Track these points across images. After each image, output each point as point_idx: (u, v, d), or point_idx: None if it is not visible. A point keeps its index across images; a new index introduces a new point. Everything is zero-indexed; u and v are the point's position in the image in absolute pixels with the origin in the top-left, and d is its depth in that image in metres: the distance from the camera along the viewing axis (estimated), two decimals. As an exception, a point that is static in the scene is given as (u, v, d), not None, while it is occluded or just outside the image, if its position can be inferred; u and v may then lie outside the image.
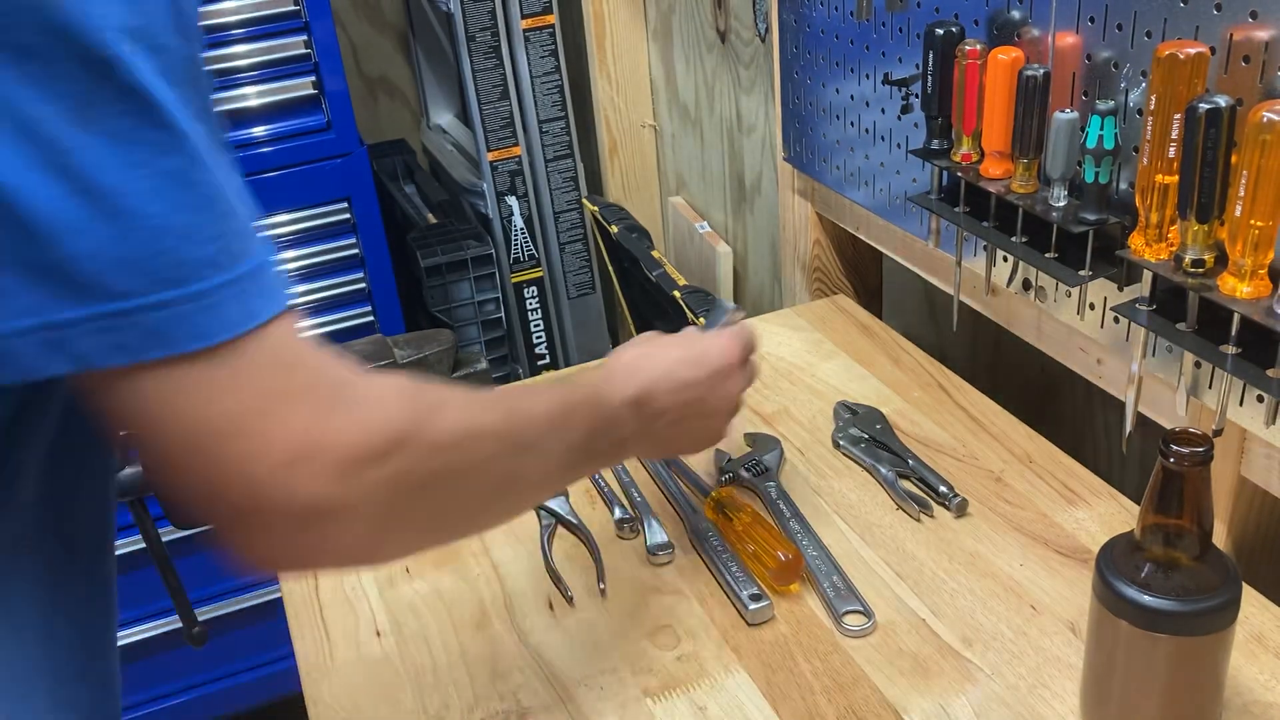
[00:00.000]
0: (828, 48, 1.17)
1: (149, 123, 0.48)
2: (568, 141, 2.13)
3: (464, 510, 0.64)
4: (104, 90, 0.47)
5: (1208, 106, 0.71)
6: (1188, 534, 0.67)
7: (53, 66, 0.46)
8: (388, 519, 0.56)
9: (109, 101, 0.47)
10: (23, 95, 0.46)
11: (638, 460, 1.08)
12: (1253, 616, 0.82)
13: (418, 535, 0.63)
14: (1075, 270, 0.87)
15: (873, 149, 1.14)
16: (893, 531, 0.95)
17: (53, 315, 0.48)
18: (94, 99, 0.47)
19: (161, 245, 0.49)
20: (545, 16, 2.03)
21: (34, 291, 0.48)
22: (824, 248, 1.36)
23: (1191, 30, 0.75)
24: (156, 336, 0.49)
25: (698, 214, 2.04)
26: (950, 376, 1.16)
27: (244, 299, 0.51)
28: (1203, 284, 0.75)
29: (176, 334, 0.49)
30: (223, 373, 0.51)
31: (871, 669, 0.82)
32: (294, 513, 0.53)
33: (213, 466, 0.52)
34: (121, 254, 0.48)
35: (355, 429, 0.54)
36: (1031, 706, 0.78)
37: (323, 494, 0.53)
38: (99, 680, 0.68)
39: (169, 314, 0.49)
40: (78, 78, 0.47)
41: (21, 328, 0.48)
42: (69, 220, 0.47)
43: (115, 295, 0.48)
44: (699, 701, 0.81)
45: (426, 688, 0.85)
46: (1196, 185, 0.73)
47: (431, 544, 0.68)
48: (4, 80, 0.46)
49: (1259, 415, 0.78)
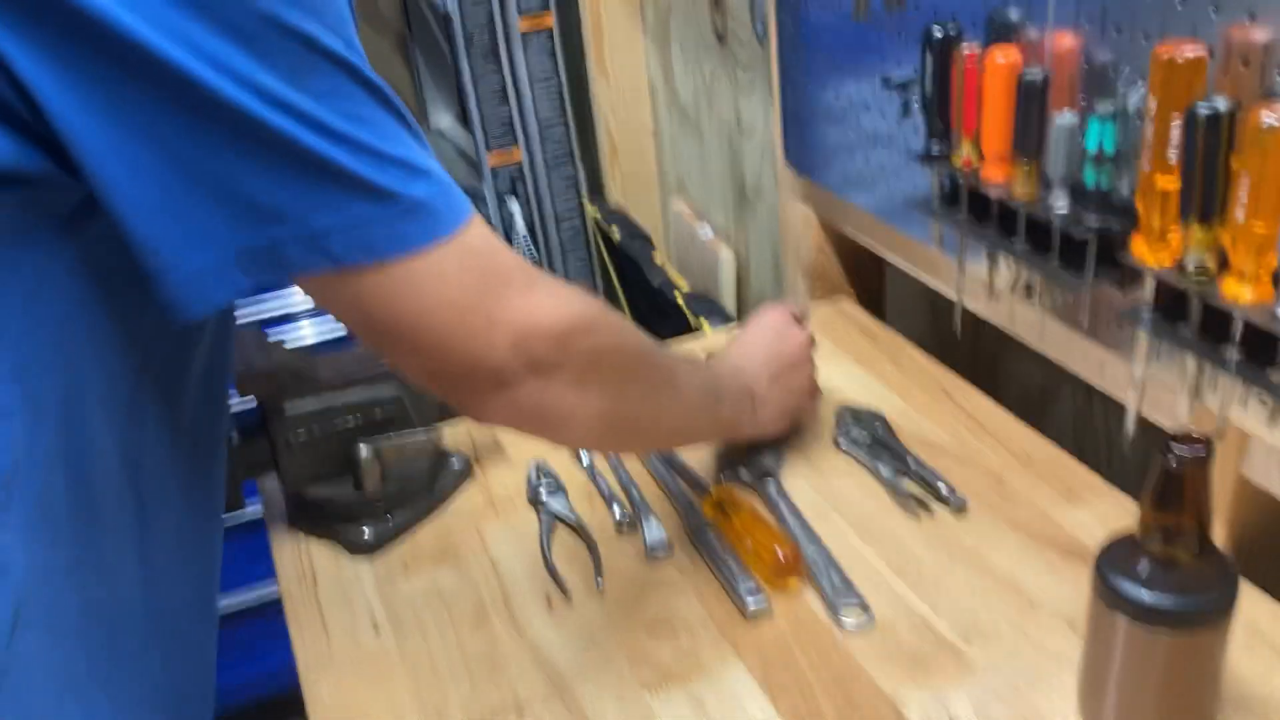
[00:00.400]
0: (826, 49, 1.18)
1: (352, 80, 0.57)
2: (568, 145, 2.13)
3: (637, 399, 0.76)
4: (309, 59, 0.55)
5: (1208, 110, 0.71)
6: (1187, 533, 0.67)
7: (266, 43, 0.54)
8: (587, 380, 0.69)
9: (314, 68, 0.55)
10: (251, 71, 0.53)
11: (638, 460, 1.08)
12: (1250, 610, 0.82)
13: (609, 403, 0.72)
14: (1078, 275, 0.88)
15: (873, 152, 1.15)
16: (892, 530, 0.96)
17: (314, 224, 0.57)
18: (305, 67, 0.55)
19: (391, 156, 0.58)
20: (543, 17, 2.03)
21: (300, 199, 0.56)
22: (825, 251, 1.36)
23: (1189, 32, 0.76)
24: (397, 236, 0.59)
25: (699, 217, 2.05)
26: (952, 379, 1.17)
27: (453, 196, 0.61)
28: (1205, 288, 0.76)
29: (412, 231, 0.59)
30: (451, 262, 0.61)
31: (870, 665, 0.82)
32: (527, 376, 0.65)
33: (453, 346, 0.62)
34: (358, 169, 0.57)
35: (561, 306, 0.66)
36: (1030, 702, 0.78)
37: (548, 356, 0.66)
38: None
39: (404, 215, 0.58)
40: (287, 50, 0.54)
41: (285, 235, 0.56)
42: (316, 145, 0.55)
43: (366, 199, 0.57)
44: (697, 695, 0.81)
45: (425, 684, 0.85)
46: (1198, 189, 0.73)
47: (615, 417, 0.75)
48: (230, 57, 0.53)
49: (1261, 417, 0.79)
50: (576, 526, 0.99)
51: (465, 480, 1.07)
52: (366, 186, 0.57)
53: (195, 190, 0.55)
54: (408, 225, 0.59)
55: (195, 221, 0.55)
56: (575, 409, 0.70)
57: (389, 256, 0.59)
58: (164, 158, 0.54)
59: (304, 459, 0.98)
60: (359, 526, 0.99)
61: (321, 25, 0.55)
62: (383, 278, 0.59)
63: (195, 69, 0.52)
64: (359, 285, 0.59)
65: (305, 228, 0.57)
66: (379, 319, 0.61)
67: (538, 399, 0.67)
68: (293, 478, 0.99)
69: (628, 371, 0.74)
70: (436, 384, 0.66)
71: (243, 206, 0.55)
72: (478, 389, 0.65)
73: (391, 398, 0.99)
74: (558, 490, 1.04)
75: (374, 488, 0.99)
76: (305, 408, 0.97)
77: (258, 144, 0.54)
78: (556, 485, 1.05)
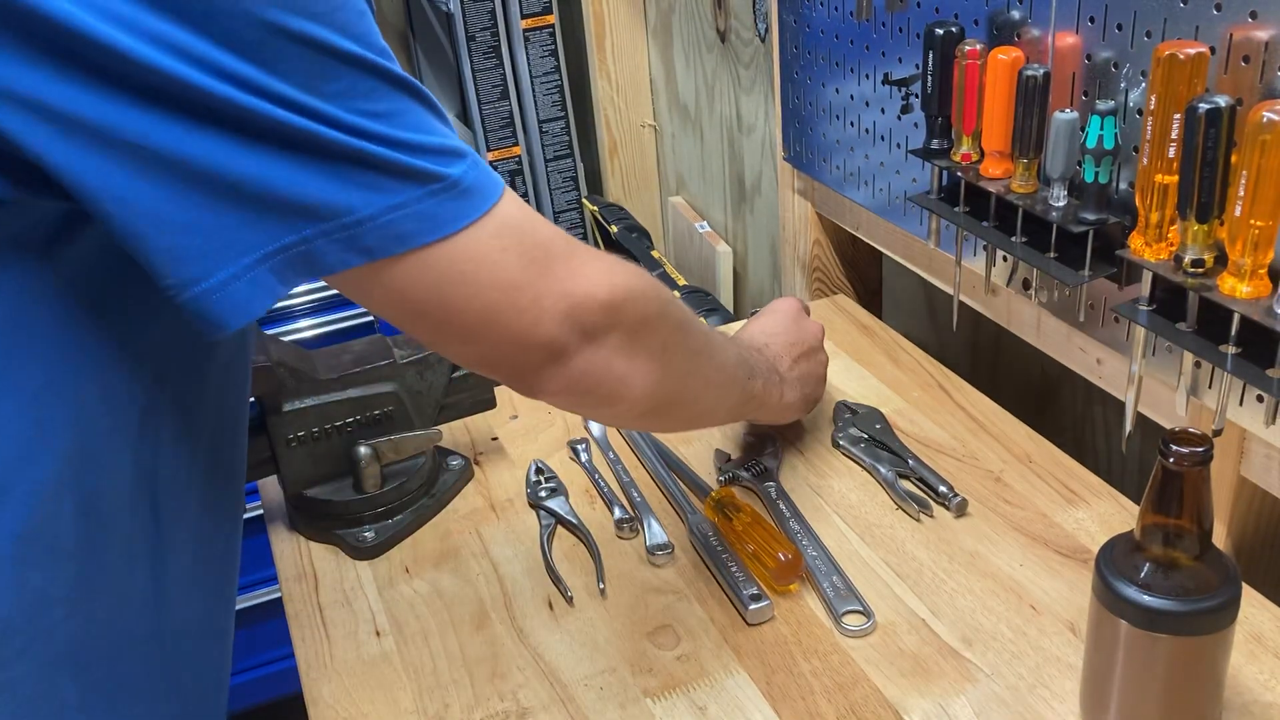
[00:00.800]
0: (828, 47, 1.17)
1: (370, 76, 0.56)
2: (567, 141, 2.13)
3: (684, 359, 0.75)
4: (319, 61, 0.54)
5: (1208, 106, 0.71)
6: (1187, 534, 0.67)
7: (273, 51, 0.53)
8: (637, 347, 0.68)
9: (325, 69, 0.54)
10: (261, 80, 0.52)
11: (638, 460, 1.08)
12: (1253, 616, 0.82)
13: (658, 372, 0.71)
14: (1075, 270, 0.87)
15: (872, 149, 1.14)
16: (892, 531, 0.95)
17: (345, 218, 0.55)
18: (316, 71, 0.54)
19: (417, 144, 0.57)
20: (545, 16, 2.03)
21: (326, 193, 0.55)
22: (824, 247, 1.36)
23: (1191, 30, 0.75)
24: (430, 221, 0.57)
25: (698, 214, 2.04)
26: (950, 376, 1.16)
27: (482, 174, 0.59)
28: (1202, 284, 0.75)
29: (445, 214, 0.57)
30: (489, 240, 0.59)
31: (871, 669, 0.82)
32: (582, 345, 0.64)
33: (502, 326, 0.61)
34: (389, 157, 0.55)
35: (606, 273, 0.65)
36: (1031, 706, 0.78)
37: (599, 326, 0.64)
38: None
39: (434, 198, 0.57)
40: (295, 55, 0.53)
41: (315, 232, 0.55)
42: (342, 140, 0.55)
43: (394, 189, 0.56)
44: (699, 701, 0.81)
45: (426, 687, 0.85)
46: (1196, 185, 0.73)
47: (664, 388, 0.73)
48: (241, 68, 0.52)
49: (1259, 415, 0.78)
50: (577, 528, 0.99)
51: (465, 480, 1.07)
52: (395, 173, 0.56)
53: (216, 202, 0.53)
54: (440, 208, 0.57)
55: (219, 232, 0.54)
56: (627, 378, 0.68)
57: (423, 242, 0.57)
58: (177, 175, 0.52)
59: (303, 458, 0.98)
60: (360, 530, 0.99)
61: (328, 27, 0.54)
62: (420, 264, 0.58)
63: (201, 80, 0.51)
64: (396, 275, 0.58)
65: (335, 221, 0.55)
66: (421, 308, 0.60)
67: (593, 369, 0.66)
68: (292, 478, 0.99)
69: (673, 340, 0.72)
70: (488, 366, 0.65)
71: (267, 208, 0.54)
72: (531, 366, 0.64)
73: (390, 396, 0.99)
74: (558, 491, 1.04)
75: (373, 488, 0.99)
76: (304, 406, 0.97)
77: (277, 144, 0.53)
78: (557, 486, 1.04)
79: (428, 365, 1.01)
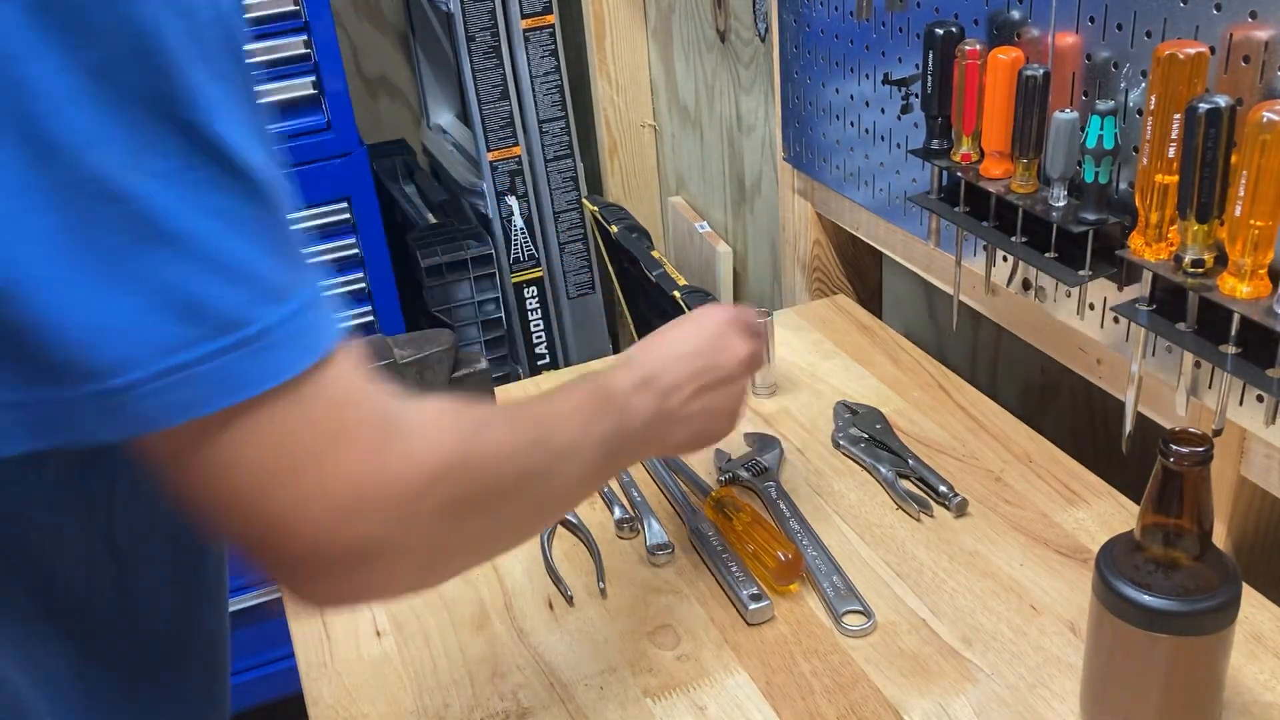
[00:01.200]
0: (827, 47, 1.17)
1: (201, 160, 0.46)
2: (567, 141, 2.13)
3: (510, 525, 0.63)
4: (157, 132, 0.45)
5: (1207, 106, 0.71)
6: (1187, 534, 0.67)
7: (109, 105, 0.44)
8: (440, 547, 0.56)
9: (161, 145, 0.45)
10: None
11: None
12: (1253, 616, 0.82)
13: (466, 558, 0.62)
14: (1075, 270, 0.87)
15: (872, 149, 1.14)
16: (893, 531, 0.95)
17: (105, 382, 0.45)
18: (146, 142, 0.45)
19: (216, 289, 0.46)
20: (545, 16, 2.03)
21: (79, 362, 0.45)
22: (824, 247, 1.36)
23: (1191, 30, 0.75)
24: (217, 386, 0.46)
25: (698, 214, 2.04)
26: (950, 376, 1.16)
27: (299, 335, 0.49)
28: (1202, 284, 0.75)
29: (235, 383, 0.47)
30: (278, 417, 0.48)
31: (871, 669, 0.82)
32: (351, 555, 0.51)
33: (267, 515, 0.49)
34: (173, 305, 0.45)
35: (407, 466, 0.52)
36: (1031, 706, 0.78)
37: (379, 535, 0.51)
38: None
39: (226, 362, 0.46)
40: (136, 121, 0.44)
41: (76, 395, 0.45)
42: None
43: (167, 350, 0.45)
44: (699, 701, 0.81)
45: (426, 688, 0.85)
46: (1196, 185, 0.73)
47: (480, 562, 0.67)
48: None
49: (1259, 415, 0.78)
50: (577, 527, 0.99)
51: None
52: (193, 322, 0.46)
53: None
54: (240, 370, 0.47)
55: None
56: (431, 575, 0.58)
57: (204, 411, 0.46)
58: None
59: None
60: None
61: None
62: (193, 438, 0.47)
63: None
64: (167, 448, 0.48)
65: (98, 385, 0.45)
66: (193, 484, 0.50)
67: (373, 581, 0.54)
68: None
69: (504, 500, 0.60)
70: (265, 565, 0.52)
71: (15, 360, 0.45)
72: (305, 569, 0.52)
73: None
74: (558, 492, 1.03)
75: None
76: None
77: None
78: (556, 486, 1.04)
79: (428, 365, 1.01)
